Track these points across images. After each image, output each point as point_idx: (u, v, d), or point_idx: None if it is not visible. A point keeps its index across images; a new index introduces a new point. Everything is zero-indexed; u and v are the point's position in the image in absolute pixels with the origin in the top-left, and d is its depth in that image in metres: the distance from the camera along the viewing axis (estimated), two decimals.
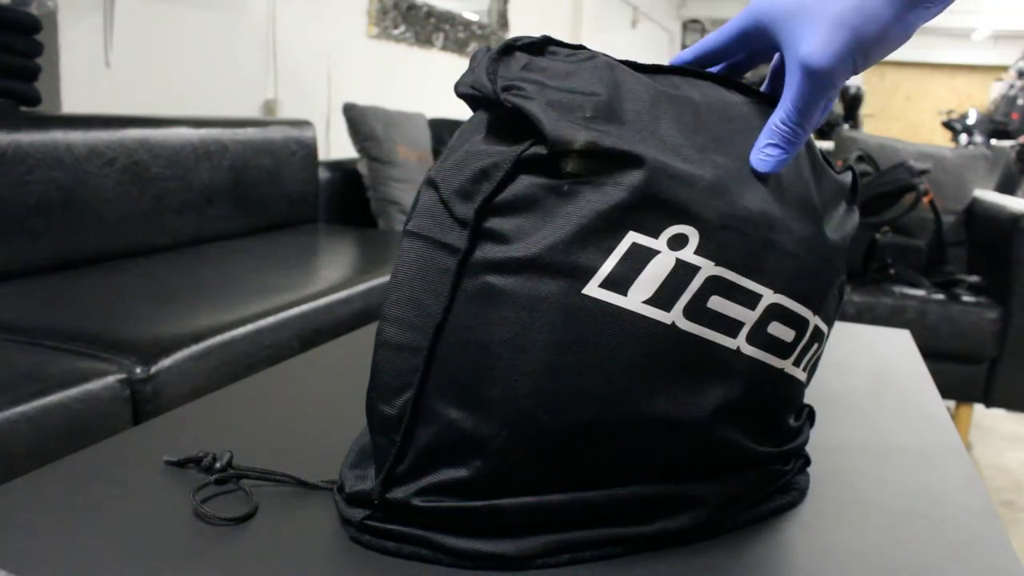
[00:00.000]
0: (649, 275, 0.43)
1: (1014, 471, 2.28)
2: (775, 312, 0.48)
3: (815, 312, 0.51)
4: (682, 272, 0.44)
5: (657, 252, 0.44)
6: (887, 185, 2.32)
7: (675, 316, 0.44)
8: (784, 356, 0.49)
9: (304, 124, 2.30)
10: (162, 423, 0.64)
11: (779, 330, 0.48)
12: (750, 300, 0.46)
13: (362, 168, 2.44)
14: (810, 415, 0.60)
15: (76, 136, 1.57)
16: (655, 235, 0.44)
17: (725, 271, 0.45)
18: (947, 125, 6.99)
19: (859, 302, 2.24)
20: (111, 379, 1.04)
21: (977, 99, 10.88)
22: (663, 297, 0.44)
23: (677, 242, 0.44)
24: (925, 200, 2.36)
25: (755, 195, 0.46)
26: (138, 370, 1.08)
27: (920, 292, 2.25)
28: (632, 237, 0.43)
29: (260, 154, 2.10)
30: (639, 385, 0.44)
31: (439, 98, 3.65)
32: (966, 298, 2.22)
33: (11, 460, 0.91)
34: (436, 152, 2.75)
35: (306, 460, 0.58)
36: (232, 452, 0.55)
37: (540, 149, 0.44)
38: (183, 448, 0.59)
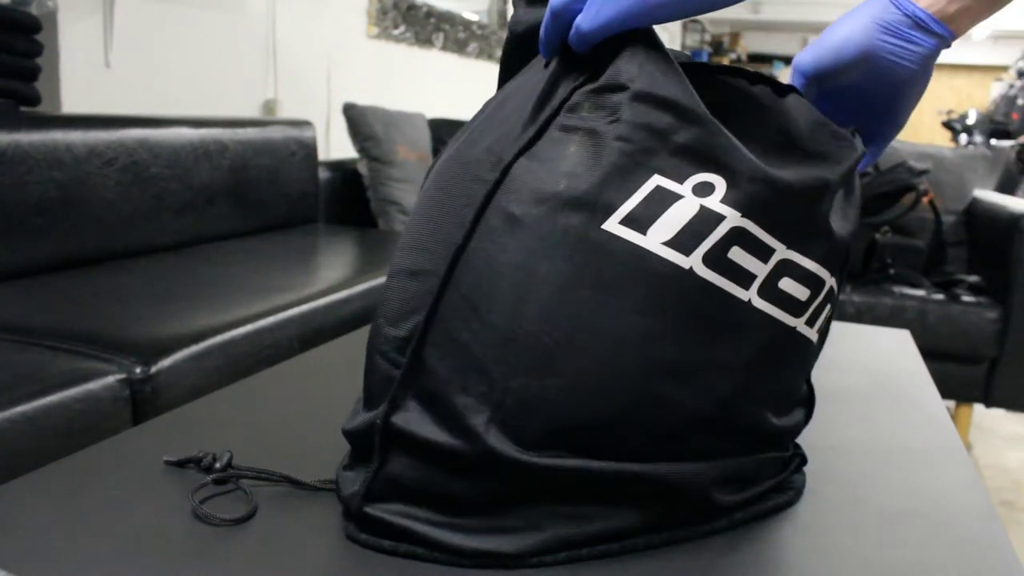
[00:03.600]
0: (670, 217, 0.44)
1: (1014, 471, 2.28)
2: (790, 268, 0.48)
3: (831, 273, 0.50)
4: (706, 219, 0.44)
5: (680, 197, 0.44)
6: (887, 185, 2.32)
7: (694, 262, 0.44)
8: (794, 312, 0.49)
9: (304, 124, 2.30)
10: (162, 423, 0.64)
11: (793, 287, 0.48)
12: (764, 253, 0.46)
13: (362, 168, 2.44)
14: (809, 401, 0.59)
15: (76, 136, 1.57)
16: (680, 180, 0.44)
17: (749, 223, 0.45)
18: (947, 125, 6.99)
19: (859, 302, 2.24)
20: (111, 379, 1.04)
21: (977, 99, 10.88)
22: (684, 241, 0.44)
23: (703, 189, 0.44)
24: (925, 200, 2.36)
25: (787, 170, 0.47)
26: (138, 370, 1.08)
27: (920, 292, 2.25)
28: (656, 180, 0.44)
29: (260, 154, 2.10)
30: (648, 326, 0.44)
31: (439, 98, 3.65)
32: (966, 298, 2.22)
33: (11, 460, 0.91)
34: (436, 152, 2.75)
35: (306, 460, 0.58)
36: (232, 452, 0.55)
37: (593, 84, 0.46)
38: (183, 448, 0.59)
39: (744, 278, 0.46)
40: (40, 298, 1.34)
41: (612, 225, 0.44)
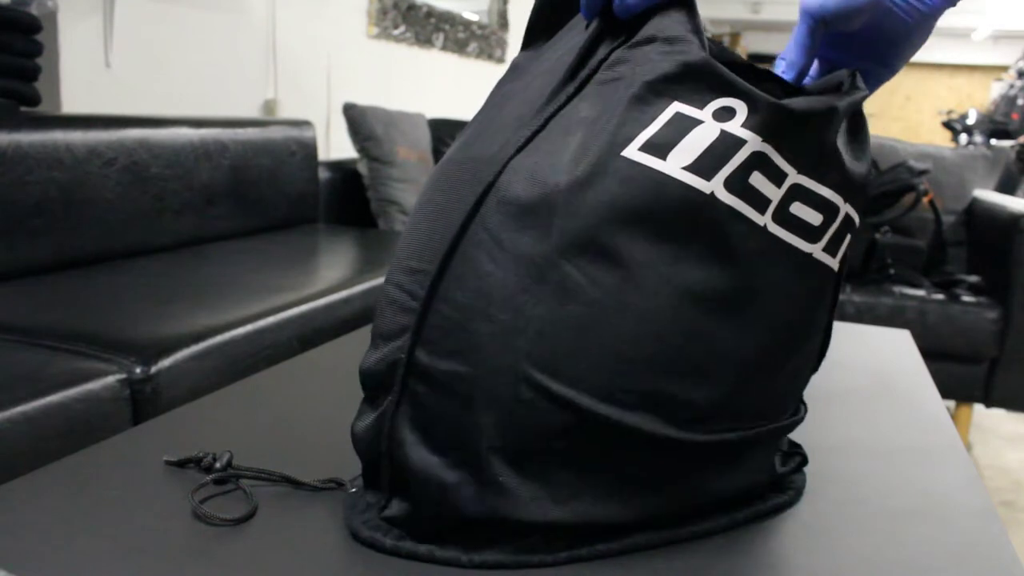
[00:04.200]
0: (691, 142, 0.44)
1: (1014, 471, 2.28)
2: (805, 195, 0.47)
3: (846, 200, 0.50)
4: (727, 143, 0.44)
5: (700, 122, 0.44)
6: (887, 185, 2.33)
7: (715, 186, 0.44)
8: (811, 238, 0.49)
9: (304, 124, 2.30)
10: (162, 423, 0.64)
11: (805, 212, 0.48)
12: (778, 178, 0.46)
13: (362, 168, 2.44)
14: (824, 342, 0.58)
15: (76, 136, 1.57)
16: (700, 106, 0.45)
17: (769, 148, 0.45)
18: (947, 125, 7.00)
19: (859, 302, 2.24)
20: (111, 379, 1.04)
21: (977, 99, 10.89)
22: (704, 166, 0.44)
23: (723, 114, 0.45)
24: (925, 200, 2.36)
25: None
26: (138, 370, 1.08)
27: (920, 292, 2.25)
28: (676, 107, 0.45)
29: (260, 154, 2.10)
30: (668, 252, 0.44)
31: (439, 98, 3.65)
32: (966, 298, 2.22)
33: (11, 460, 0.91)
34: (436, 152, 2.75)
35: (306, 460, 0.58)
36: (232, 452, 0.55)
37: (629, 42, 0.47)
38: (183, 448, 0.59)
39: (761, 204, 0.46)
40: (40, 298, 1.34)
41: (631, 152, 0.44)
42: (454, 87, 3.80)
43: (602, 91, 0.47)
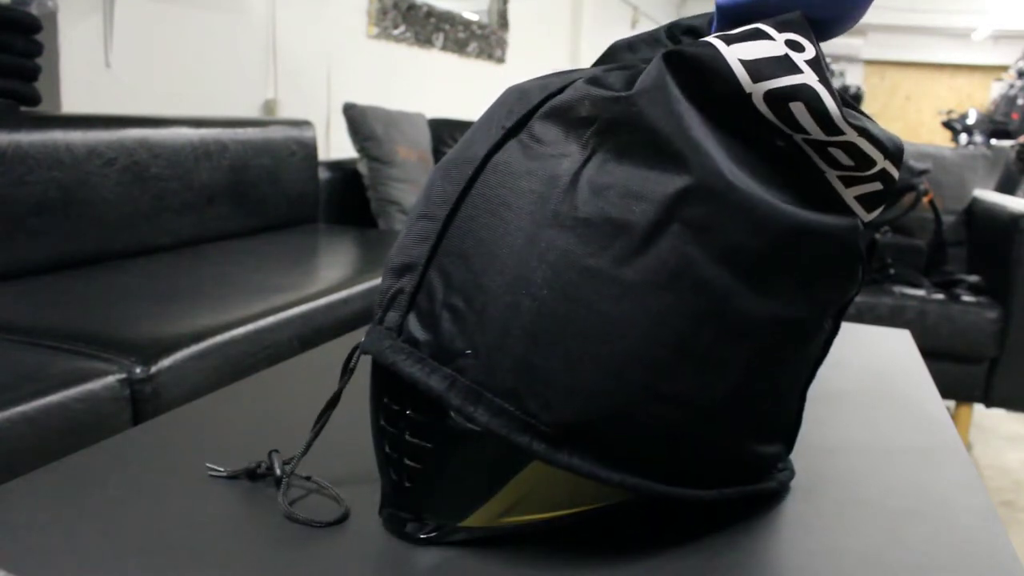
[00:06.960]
0: (755, 46, 0.46)
1: (1014, 471, 2.28)
2: (847, 146, 0.48)
3: (885, 157, 0.50)
4: (786, 65, 0.46)
5: (772, 39, 0.47)
6: None
7: (756, 91, 0.46)
8: (832, 166, 0.49)
9: (304, 124, 2.30)
10: (162, 423, 0.64)
11: (839, 154, 0.48)
12: (829, 127, 0.47)
13: (362, 168, 2.44)
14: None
15: (76, 136, 1.57)
16: (778, 31, 0.47)
17: (824, 92, 0.46)
18: (947, 125, 7.00)
19: (859, 302, 2.24)
20: (111, 379, 1.04)
21: (977, 99, 10.89)
22: (757, 69, 0.46)
23: (794, 45, 0.47)
24: (925, 200, 2.36)
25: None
26: (138, 370, 1.08)
27: (920, 292, 2.25)
28: (758, 24, 0.48)
29: (260, 154, 2.10)
30: (690, 123, 0.46)
31: (439, 98, 3.65)
32: (966, 298, 2.22)
33: (11, 460, 0.91)
34: (436, 152, 2.75)
35: (306, 460, 0.58)
36: (278, 451, 0.55)
37: None
38: (184, 448, 0.59)
39: (794, 128, 0.47)
40: (40, 298, 1.34)
41: (708, 37, 0.47)
42: (454, 87, 3.80)
43: None
